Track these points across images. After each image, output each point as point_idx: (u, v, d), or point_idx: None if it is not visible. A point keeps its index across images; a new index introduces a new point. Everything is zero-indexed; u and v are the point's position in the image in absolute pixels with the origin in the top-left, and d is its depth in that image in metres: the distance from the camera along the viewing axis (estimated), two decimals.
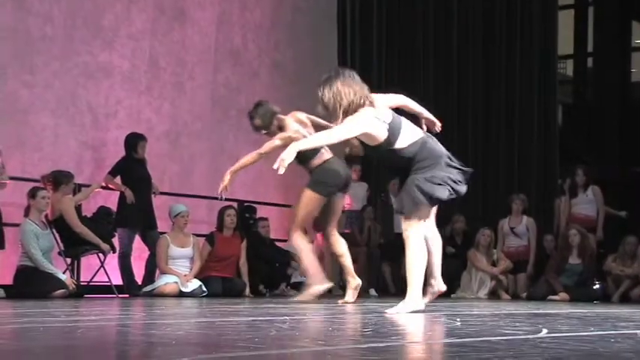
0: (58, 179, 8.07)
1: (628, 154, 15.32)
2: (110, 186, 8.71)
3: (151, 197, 8.82)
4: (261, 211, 10.05)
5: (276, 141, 6.63)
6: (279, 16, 11.11)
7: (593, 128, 15.57)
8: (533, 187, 12.01)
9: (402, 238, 11.28)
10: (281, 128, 6.73)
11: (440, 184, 5.10)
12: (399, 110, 5.39)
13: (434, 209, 5.36)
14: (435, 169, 5.10)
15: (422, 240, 5.20)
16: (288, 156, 4.88)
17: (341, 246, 6.92)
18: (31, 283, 7.41)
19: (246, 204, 10.03)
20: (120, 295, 8.32)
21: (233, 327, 4.06)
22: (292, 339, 3.29)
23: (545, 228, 10.62)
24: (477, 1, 12.75)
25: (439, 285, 5.49)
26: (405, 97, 5.53)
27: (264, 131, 6.84)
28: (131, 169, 8.65)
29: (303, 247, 6.77)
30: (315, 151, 6.58)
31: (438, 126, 5.52)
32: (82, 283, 8.21)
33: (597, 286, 9.63)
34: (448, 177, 5.13)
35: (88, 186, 8.67)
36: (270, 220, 9.84)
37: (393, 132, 5.09)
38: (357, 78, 5.21)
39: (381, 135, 5.08)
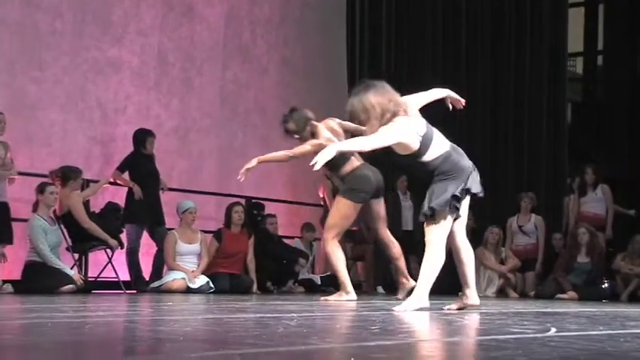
0: (67, 175, 8.06)
1: (637, 152, 15.27)
2: (118, 182, 8.71)
3: (159, 193, 8.81)
4: (269, 208, 10.04)
5: (306, 146, 6.66)
6: (287, 12, 11.09)
7: (603, 126, 15.52)
8: (542, 186, 11.98)
9: (409, 235, 11.33)
10: (314, 135, 6.75)
11: (448, 197, 5.14)
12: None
13: (464, 219, 5.35)
14: (457, 180, 5.17)
15: (442, 245, 5.21)
16: (326, 155, 4.96)
17: (396, 249, 7.00)
18: (38, 279, 7.41)
19: (254, 201, 10.03)
20: (127, 291, 8.32)
21: (241, 324, 4.05)
22: (300, 336, 3.28)
23: (554, 226, 10.59)
24: None
25: (473, 298, 5.39)
26: (436, 89, 5.57)
27: (296, 136, 6.85)
28: (139, 164, 8.64)
29: (334, 254, 6.75)
30: (345, 158, 6.65)
31: (462, 102, 5.60)
32: (89, 279, 8.21)
33: (606, 284, 9.60)
34: (459, 190, 5.17)
35: (96, 182, 8.67)
36: (278, 216, 9.83)
37: (425, 144, 5.16)
38: (388, 87, 5.22)
39: (414, 146, 5.14)
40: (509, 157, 12.40)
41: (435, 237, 5.17)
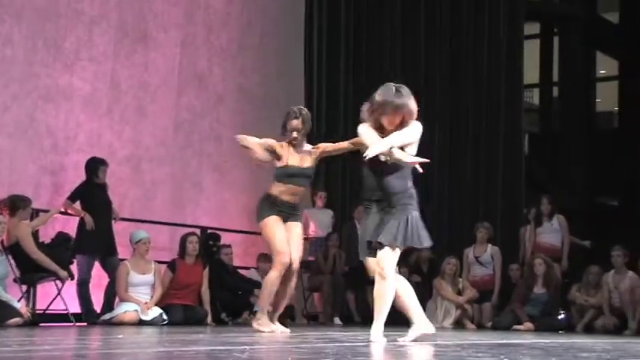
0: (15, 204, 7.88)
1: (593, 184, 15.41)
2: (69, 211, 8.53)
3: (112, 223, 8.65)
4: (225, 238, 9.90)
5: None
6: (246, 40, 11.01)
7: (560, 157, 15.64)
8: (498, 216, 11.99)
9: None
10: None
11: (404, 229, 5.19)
12: None
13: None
14: (415, 211, 5.24)
15: (394, 274, 5.22)
16: (380, 148, 5.06)
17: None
18: None
19: (209, 231, 9.88)
20: (77, 324, 8.13)
21: (191, 357, 3.96)
22: None
23: (510, 257, 10.58)
24: (444, 28, 12.78)
25: (426, 327, 5.33)
26: None
27: (295, 134, 6.65)
28: (91, 194, 8.49)
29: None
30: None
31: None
32: (37, 312, 8.00)
33: (562, 315, 9.59)
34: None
35: (46, 211, 8.48)
36: (234, 246, 9.70)
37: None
38: None
39: (414, 150, 5.27)
40: (465, 187, 12.41)
41: (389, 266, 5.16)
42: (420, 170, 5.21)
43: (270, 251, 6.75)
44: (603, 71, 16.83)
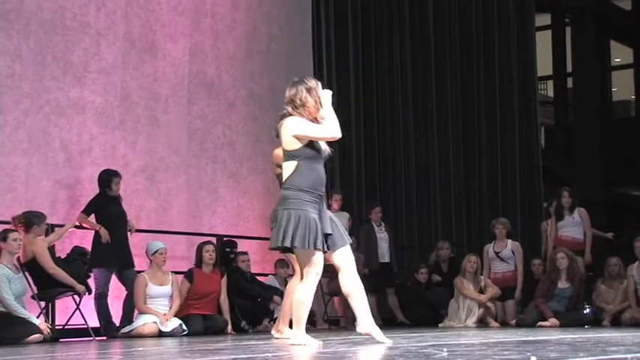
0: (30, 220, 7.84)
1: (612, 174, 15.27)
2: (84, 225, 8.49)
3: (127, 235, 8.60)
4: (243, 245, 9.84)
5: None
6: (253, 46, 10.96)
7: (577, 149, 15.51)
8: (518, 211, 11.89)
9: (386, 267, 11.09)
10: None
11: None
12: None
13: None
14: None
15: None
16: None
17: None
18: (3, 330, 7.15)
19: (225, 239, 9.82)
20: (97, 338, 8.10)
21: None
22: None
23: (532, 252, 10.47)
24: (453, 26, 12.70)
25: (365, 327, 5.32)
26: None
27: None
28: (105, 206, 8.44)
29: None
30: None
31: None
32: (57, 327, 7.97)
33: (587, 310, 9.47)
34: None
35: (62, 226, 8.44)
36: (252, 253, 9.64)
37: None
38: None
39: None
40: (483, 183, 12.31)
41: None
42: None
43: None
44: (618, 60, 16.68)
